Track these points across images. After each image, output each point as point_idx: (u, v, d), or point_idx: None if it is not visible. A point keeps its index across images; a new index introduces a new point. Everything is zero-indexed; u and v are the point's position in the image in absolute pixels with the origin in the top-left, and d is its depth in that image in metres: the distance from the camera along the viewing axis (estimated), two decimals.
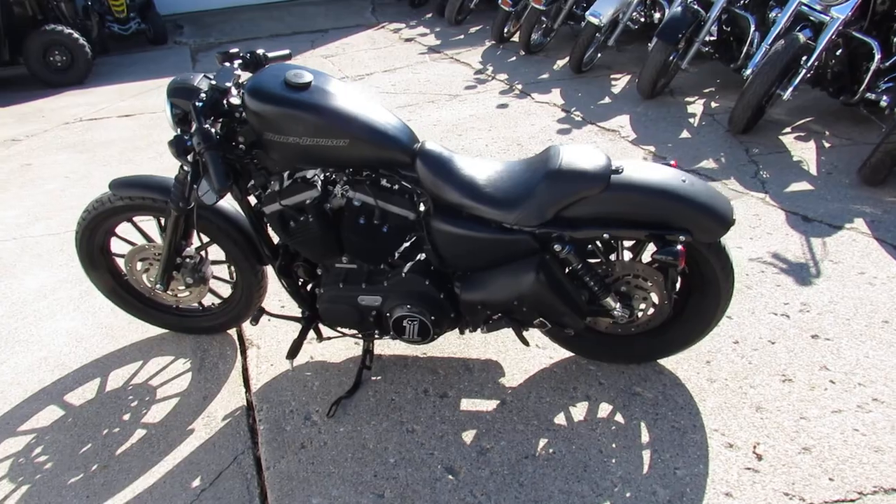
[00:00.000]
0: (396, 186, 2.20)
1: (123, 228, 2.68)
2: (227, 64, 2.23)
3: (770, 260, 3.05)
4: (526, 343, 2.28)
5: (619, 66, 6.29)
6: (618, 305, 2.19)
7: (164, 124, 5.65)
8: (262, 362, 2.64)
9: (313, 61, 7.49)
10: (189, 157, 2.14)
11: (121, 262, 2.69)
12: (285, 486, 2.08)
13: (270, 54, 2.41)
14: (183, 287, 2.61)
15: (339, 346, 2.68)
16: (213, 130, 1.99)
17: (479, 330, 2.30)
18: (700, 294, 2.24)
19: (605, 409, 2.28)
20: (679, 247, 1.97)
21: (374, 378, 2.51)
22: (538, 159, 2.13)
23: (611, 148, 4.43)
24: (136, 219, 2.58)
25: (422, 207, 2.18)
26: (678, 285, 2.27)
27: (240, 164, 2.23)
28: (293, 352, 2.42)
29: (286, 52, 2.50)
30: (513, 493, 2.00)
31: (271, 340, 2.76)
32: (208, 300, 2.85)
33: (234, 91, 2.17)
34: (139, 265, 2.63)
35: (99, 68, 7.69)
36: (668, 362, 2.47)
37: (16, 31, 6.94)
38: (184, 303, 2.73)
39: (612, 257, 2.24)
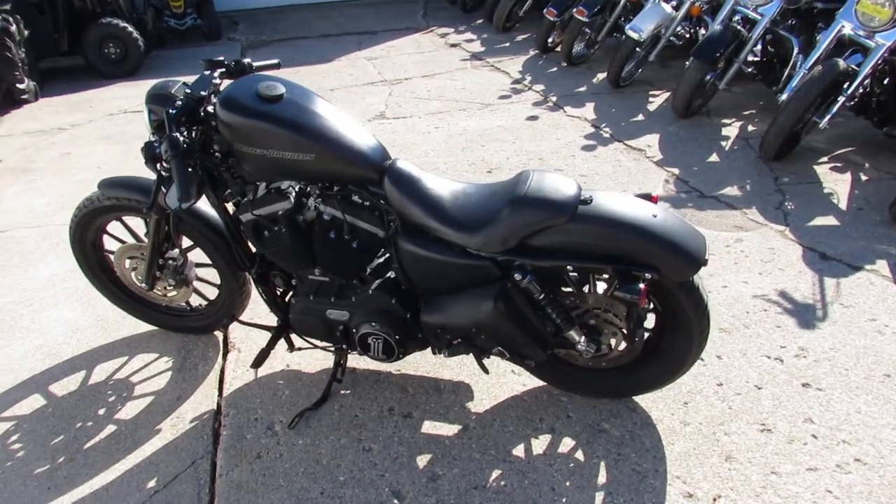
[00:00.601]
0: (367, 203, 2.19)
1: (117, 227, 2.73)
2: (208, 72, 2.25)
3: (775, 298, 2.90)
4: (486, 370, 2.24)
5: (660, 82, 6.12)
6: (582, 339, 2.11)
7: None
8: (240, 367, 2.66)
9: (357, 63, 7.55)
10: (162, 163, 2.17)
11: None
12: (233, 495, 2.09)
13: (257, 63, 2.42)
14: (168, 287, 2.66)
15: (316, 357, 2.68)
16: (181, 139, 2.01)
17: (441, 353, 2.26)
18: (672, 334, 2.15)
19: (567, 444, 2.21)
20: (641, 285, 1.88)
21: (343, 392, 2.50)
22: (507, 184, 2.07)
23: (633, 168, 4.32)
24: (126, 218, 2.64)
25: (391, 226, 2.17)
26: (647, 323, 2.19)
27: (216, 171, 2.25)
28: (259, 361, 2.43)
29: (275, 61, 2.52)
30: None
31: (254, 345, 2.78)
32: (197, 301, 2.89)
33: (212, 99, 2.20)
34: (127, 263, 2.69)
35: (153, 61, 7.95)
36: (644, 400, 2.38)
37: (75, 24, 7.25)
38: (172, 302, 2.78)
39: (587, 289, 2.17)
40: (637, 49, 5.82)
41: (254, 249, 2.45)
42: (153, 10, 8.39)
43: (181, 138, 2.02)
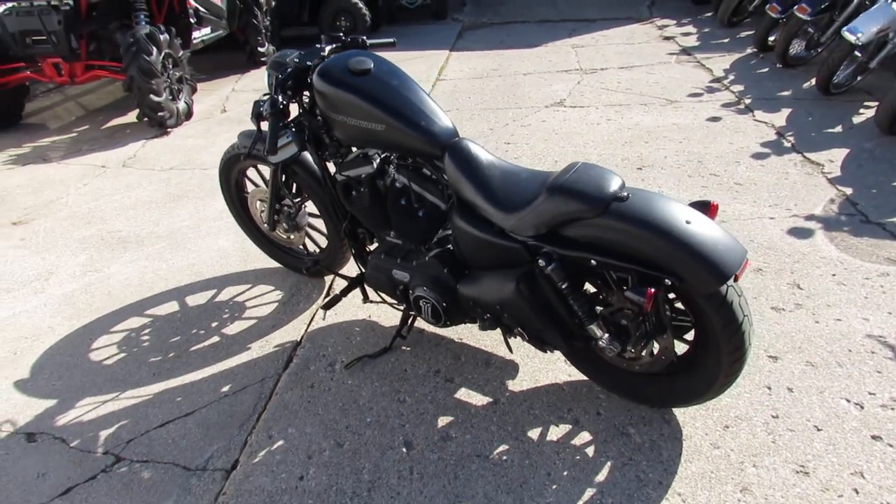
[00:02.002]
0: (433, 176, 2.36)
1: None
2: (319, 45, 2.56)
3: (893, 342, 2.57)
4: (510, 349, 2.31)
5: (883, 92, 5.40)
6: (605, 336, 2.10)
7: None
8: (331, 310, 2.99)
9: (561, 50, 7.61)
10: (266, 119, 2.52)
11: None
12: (278, 412, 2.42)
13: (372, 41, 2.68)
14: (285, 230, 3.06)
15: (396, 314, 2.91)
16: (280, 101, 2.35)
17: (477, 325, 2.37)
18: (703, 350, 2.05)
19: (583, 438, 2.22)
20: (650, 289, 1.84)
21: (404, 347, 2.71)
22: (554, 173, 2.12)
23: (799, 182, 3.94)
24: (260, 166, 3.07)
25: (450, 200, 2.32)
26: (688, 336, 2.11)
27: (319, 133, 2.56)
28: (330, 304, 2.72)
29: (390, 40, 2.77)
30: (442, 481, 2.09)
31: (351, 295, 3.07)
32: (313, 247, 3.26)
33: None
34: (258, 205, 3.13)
35: (376, 35, 8.67)
36: (683, 413, 2.29)
37: None
38: (291, 245, 3.18)
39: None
40: (857, 53, 5.21)
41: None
42: None
43: (280, 100, 2.36)
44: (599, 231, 1.95)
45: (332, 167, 2.79)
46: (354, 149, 2.54)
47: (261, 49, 7.50)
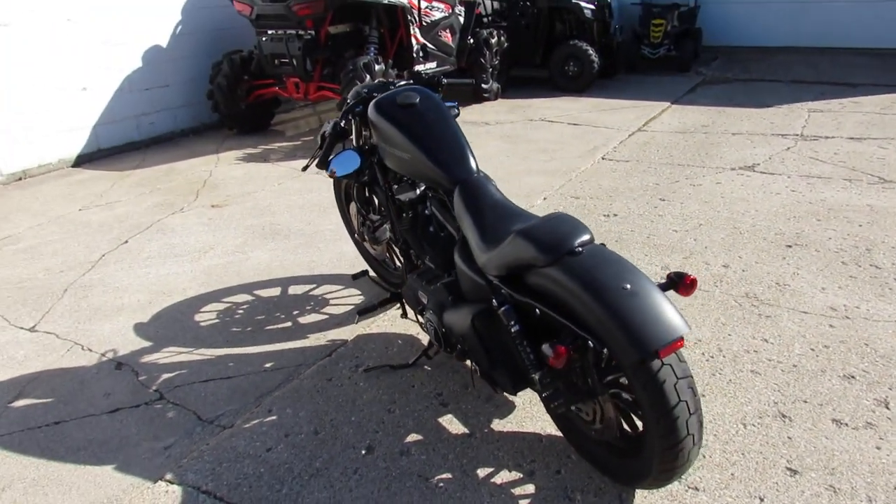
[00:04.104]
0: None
1: None
2: (393, 80, 2.84)
3: None
4: (473, 384, 2.33)
5: None
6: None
7: (590, 133, 6.35)
8: (388, 320, 3.23)
9: (792, 113, 7.01)
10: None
11: None
12: (290, 393, 2.72)
13: (449, 80, 2.90)
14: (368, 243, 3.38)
15: None
16: (342, 124, 2.69)
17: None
18: (646, 430, 1.91)
19: (525, 490, 2.17)
20: (560, 346, 1.80)
21: (426, 367, 2.85)
22: (535, 218, 2.14)
23: None
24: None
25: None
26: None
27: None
28: (364, 311, 2.95)
29: (468, 81, 2.95)
30: (374, 488, 2.20)
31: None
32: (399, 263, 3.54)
33: None
34: (358, 216, 3.49)
35: (610, 82, 8.82)
36: (644, 496, 2.11)
37: (549, 42, 8.52)
38: (379, 256, 3.50)
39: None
40: None
41: None
42: (624, 36, 9.20)
43: (342, 124, 2.69)
44: (546, 282, 1.95)
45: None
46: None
47: (484, 86, 8.01)
